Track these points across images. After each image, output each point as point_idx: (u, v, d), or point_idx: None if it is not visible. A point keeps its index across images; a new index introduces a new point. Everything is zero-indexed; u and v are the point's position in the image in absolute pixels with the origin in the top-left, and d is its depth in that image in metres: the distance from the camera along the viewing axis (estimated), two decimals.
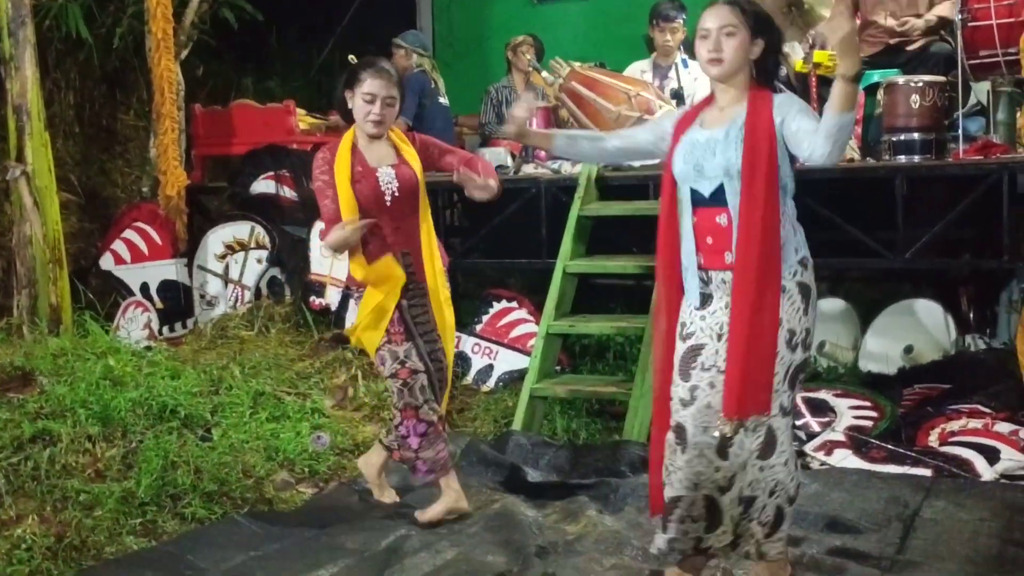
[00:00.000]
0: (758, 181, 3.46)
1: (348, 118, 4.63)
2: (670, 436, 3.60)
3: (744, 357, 3.45)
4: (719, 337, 3.55)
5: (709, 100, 3.69)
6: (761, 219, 3.45)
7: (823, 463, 5.21)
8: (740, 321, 3.48)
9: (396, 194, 4.55)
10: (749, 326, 3.45)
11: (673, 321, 3.66)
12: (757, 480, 3.57)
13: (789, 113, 3.49)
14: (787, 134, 3.48)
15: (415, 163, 4.62)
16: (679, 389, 3.60)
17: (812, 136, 3.40)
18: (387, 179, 4.55)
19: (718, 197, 3.53)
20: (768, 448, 3.54)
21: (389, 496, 4.94)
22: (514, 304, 6.82)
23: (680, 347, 3.62)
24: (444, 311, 4.70)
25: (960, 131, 5.95)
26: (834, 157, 3.43)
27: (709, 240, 3.57)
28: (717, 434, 3.50)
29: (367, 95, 4.51)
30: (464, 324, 6.47)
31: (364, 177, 4.53)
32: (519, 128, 3.93)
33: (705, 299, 3.60)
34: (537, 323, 6.26)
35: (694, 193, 3.58)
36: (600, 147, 4.04)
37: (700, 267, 3.59)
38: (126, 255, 7.69)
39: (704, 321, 3.59)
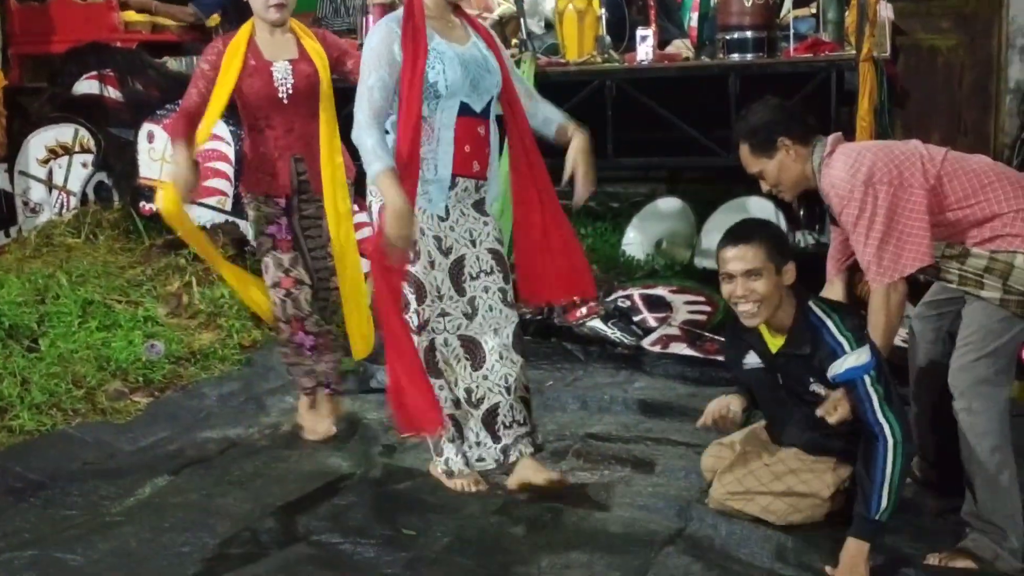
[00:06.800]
0: (516, 102, 3.79)
1: (239, 14, 4.29)
2: (454, 353, 3.71)
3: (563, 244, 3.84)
4: (472, 243, 3.74)
5: (419, 10, 3.64)
6: (527, 130, 3.82)
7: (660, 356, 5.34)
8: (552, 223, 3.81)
9: (291, 92, 4.21)
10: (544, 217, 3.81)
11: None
12: (510, 373, 3.77)
13: (513, 68, 3.89)
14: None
15: (319, 59, 4.27)
16: (458, 304, 3.72)
17: (537, 107, 3.87)
18: (282, 75, 4.21)
19: (485, 111, 3.71)
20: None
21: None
22: (355, 207, 6.70)
23: (444, 263, 3.70)
24: (340, 226, 4.29)
25: (791, 29, 6.05)
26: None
27: (467, 148, 3.68)
28: (510, 332, 3.73)
29: None
30: None
31: (257, 72, 4.20)
32: None
33: (445, 209, 3.70)
34: None
35: (464, 105, 3.65)
36: None
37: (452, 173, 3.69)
38: None
39: (454, 232, 3.72)
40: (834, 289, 3.74)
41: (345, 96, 4.04)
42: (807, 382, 3.41)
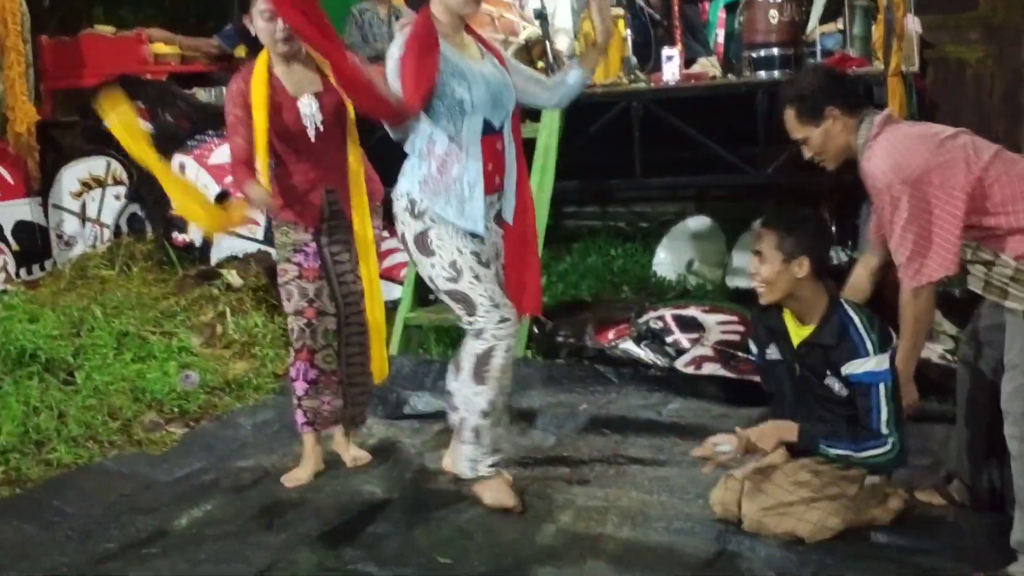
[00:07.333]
0: (516, 115, 3.92)
1: (254, 46, 4.24)
2: (503, 357, 3.80)
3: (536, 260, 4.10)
4: (497, 256, 3.92)
5: (432, 25, 3.69)
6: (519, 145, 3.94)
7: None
8: (530, 234, 4.01)
9: (320, 128, 4.09)
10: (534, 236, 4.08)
11: None
12: None
13: (517, 66, 3.99)
14: (516, 81, 3.88)
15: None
16: (506, 310, 3.81)
17: (550, 88, 4.02)
18: (310, 110, 4.09)
19: (501, 125, 3.80)
20: None
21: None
22: (385, 233, 6.73)
23: (488, 274, 3.80)
24: (369, 252, 4.20)
25: (818, 45, 6.03)
26: (564, 105, 4.20)
27: (490, 167, 3.77)
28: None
29: (266, 12, 4.01)
30: None
31: (284, 108, 4.07)
32: None
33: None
34: None
35: (486, 122, 3.73)
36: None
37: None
38: None
39: (485, 246, 3.85)
40: (866, 262, 3.72)
41: (371, 124, 4.05)
42: (823, 374, 3.46)
